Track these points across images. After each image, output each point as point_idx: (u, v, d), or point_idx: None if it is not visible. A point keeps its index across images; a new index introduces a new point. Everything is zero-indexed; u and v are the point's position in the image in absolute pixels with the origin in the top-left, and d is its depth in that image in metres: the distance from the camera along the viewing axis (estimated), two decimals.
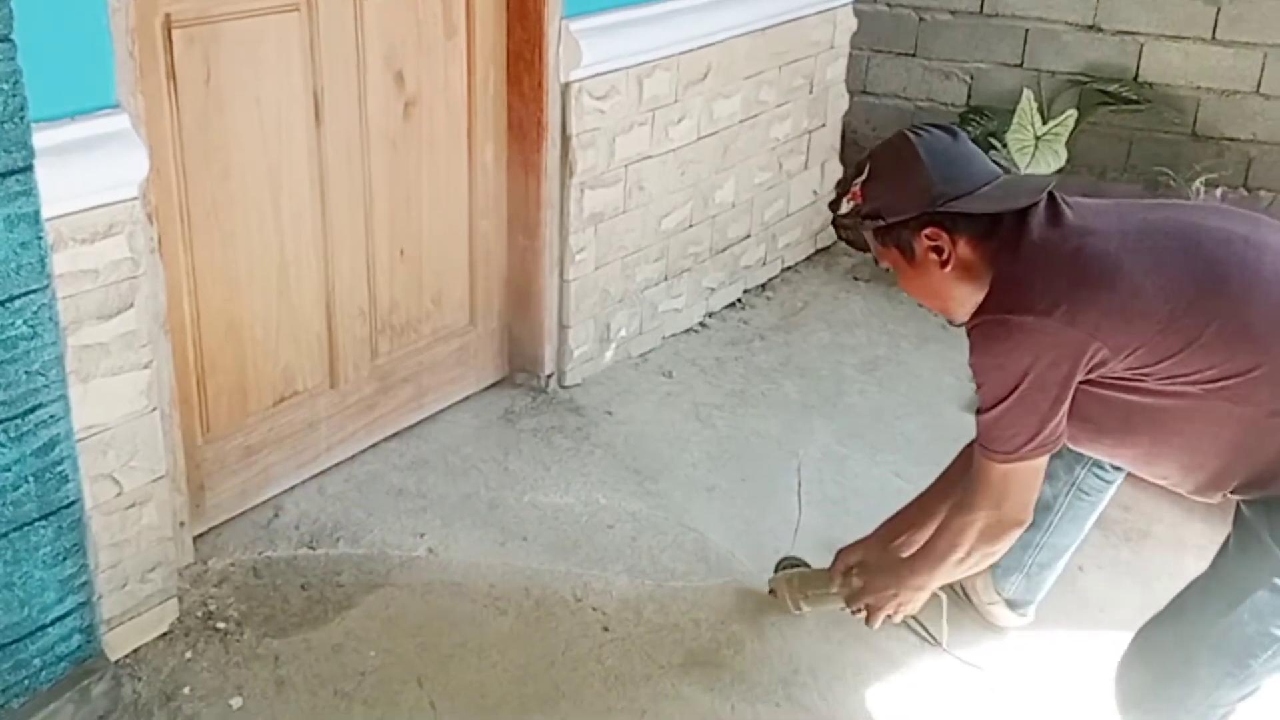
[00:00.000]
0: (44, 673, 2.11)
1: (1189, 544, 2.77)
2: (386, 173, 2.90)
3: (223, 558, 2.62)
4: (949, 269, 1.89)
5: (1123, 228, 1.81)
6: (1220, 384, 1.73)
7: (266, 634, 2.41)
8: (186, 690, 2.26)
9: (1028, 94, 4.05)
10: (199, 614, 2.45)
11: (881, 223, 1.91)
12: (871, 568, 2.25)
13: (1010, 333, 1.77)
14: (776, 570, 2.57)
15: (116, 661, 2.28)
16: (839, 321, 3.95)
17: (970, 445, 2.07)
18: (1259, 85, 4.06)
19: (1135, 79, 4.23)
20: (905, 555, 2.21)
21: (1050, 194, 1.87)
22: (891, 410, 3.40)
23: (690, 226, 3.73)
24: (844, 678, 2.38)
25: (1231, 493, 1.85)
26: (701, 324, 3.89)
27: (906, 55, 4.67)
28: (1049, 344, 1.74)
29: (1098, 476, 2.29)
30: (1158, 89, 4.20)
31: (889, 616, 2.19)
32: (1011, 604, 2.47)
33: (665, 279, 3.70)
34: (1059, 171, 3.96)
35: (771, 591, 2.53)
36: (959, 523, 1.98)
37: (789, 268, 4.32)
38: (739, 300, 4.06)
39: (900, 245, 1.92)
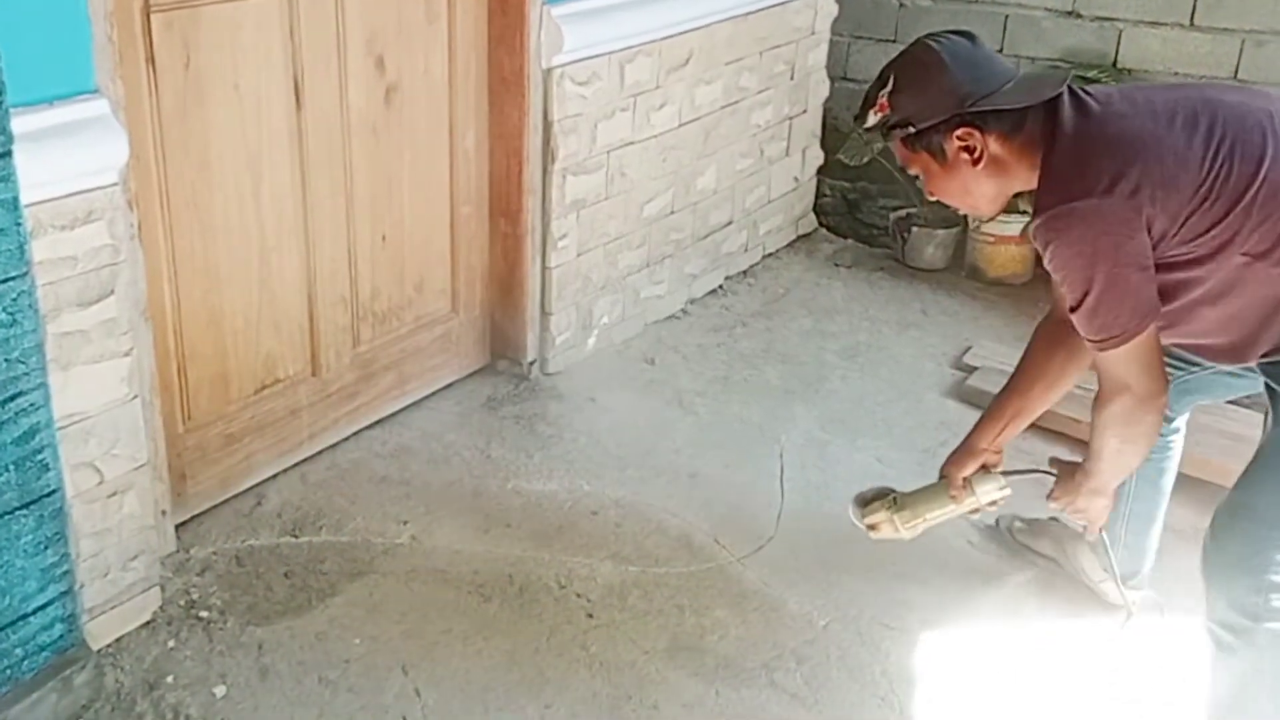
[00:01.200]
0: (26, 662, 2.10)
1: None
2: (367, 159, 2.88)
3: (205, 546, 2.61)
4: (981, 166, 1.96)
5: (1151, 108, 1.90)
6: (1264, 247, 1.83)
7: (250, 622, 2.41)
8: (170, 679, 2.25)
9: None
10: (181, 603, 2.44)
11: (911, 129, 1.97)
12: (1059, 471, 2.26)
13: (1080, 218, 1.84)
14: (861, 507, 2.42)
15: (99, 651, 2.27)
16: (820, 308, 3.96)
17: (1041, 325, 2.22)
18: (1236, 71, 4.08)
19: (1114, 65, 4.25)
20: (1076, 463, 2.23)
21: (1070, 87, 1.94)
22: (873, 396, 3.41)
23: (672, 213, 3.73)
24: (828, 662, 2.39)
25: (1264, 355, 1.94)
26: (683, 310, 3.89)
27: (887, 41, 4.67)
28: (1118, 220, 1.82)
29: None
30: (1136, 75, 4.21)
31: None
32: (1121, 578, 2.45)
33: (647, 265, 3.69)
34: None
35: (871, 528, 2.39)
36: (1101, 419, 2.03)
37: (770, 254, 4.32)
38: (721, 287, 4.07)
39: (931, 149, 1.98)
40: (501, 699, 2.26)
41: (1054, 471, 2.29)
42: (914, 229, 4.25)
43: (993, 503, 2.34)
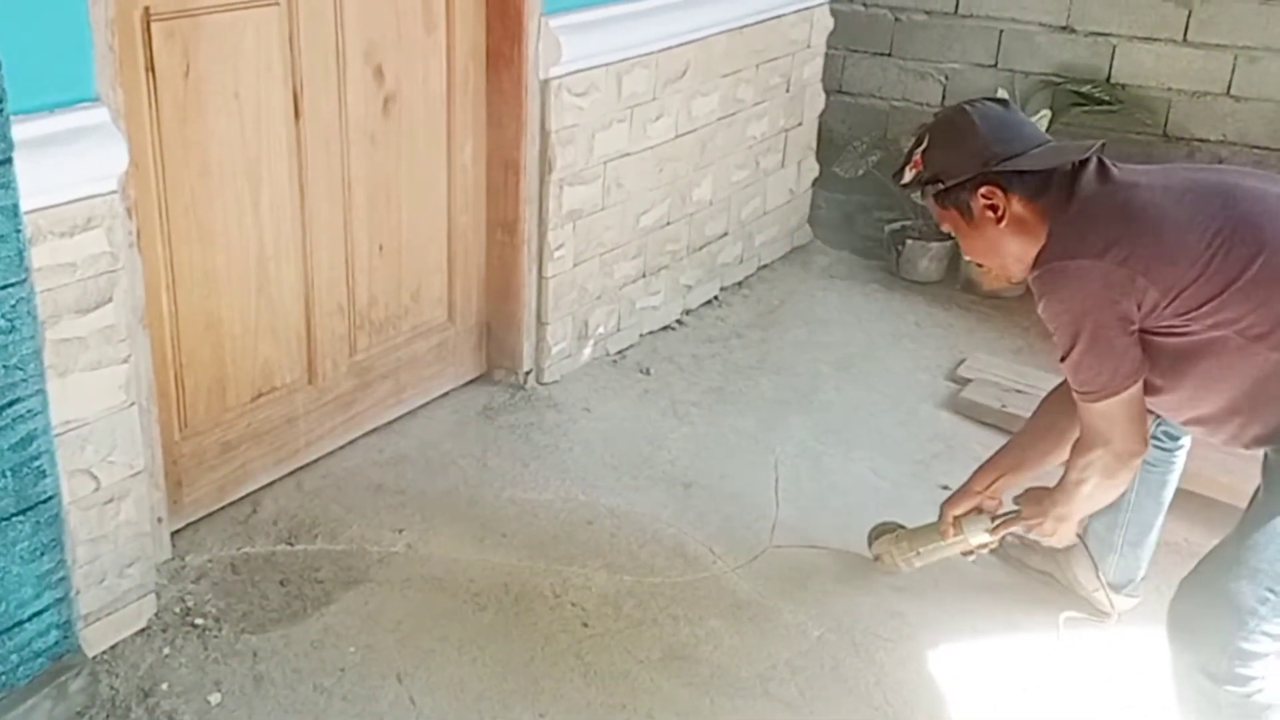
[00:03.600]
0: (21, 669, 2.10)
1: None
2: (366, 168, 2.89)
3: (201, 554, 2.62)
4: (1004, 224, 2.04)
5: (1166, 183, 1.98)
6: (1258, 330, 1.87)
7: (245, 630, 2.41)
8: (164, 686, 2.25)
9: (1002, 94, 4.07)
10: (177, 610, 2.44)
11: (941, 186, 2.07)
12: (1023, 497, 2.37)
13: (1070, 277, 1.93)
14: (872, 539, 2.65)
15: (94, 657, 2.27)
16: (815, 319, 3.97)
17: (1054, 389, 2.34)
18: (1229, 87, 4.11)
19: (1108, 80, 4.27)
20: (1047, 489, 2.31)
21: (1099, 158, 2.03)
22: (867, 407, 3.42)
23: (668, 224, 3.75)
24: (822, 673, 2.40)
25: (1262, 442, 1.98)
26: (679, 321, 3.90)
27: (882, 55, 4.70)
28: (1105, 283, 1.90)
29: (1158, 447, 2.38)
30: (1130, 90, 4.24)
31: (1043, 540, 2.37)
32: (1115, 586, 2.53)
33: (643, 276, 3.71)
34: None
35: (877, 558, 2.62)
36: (1080, 462, 2.12)
37: (765, 266, 4.34)
38: (716, 298, 4.08)
39: (959, 206, 2.08)
40: (496, 707, 2.26)
41: (1008, 513, 2.42)
42: (908, 241, 4.27)
43: (982, 545, 2.47)
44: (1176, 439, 2.42)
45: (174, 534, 2.61)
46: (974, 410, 3.37)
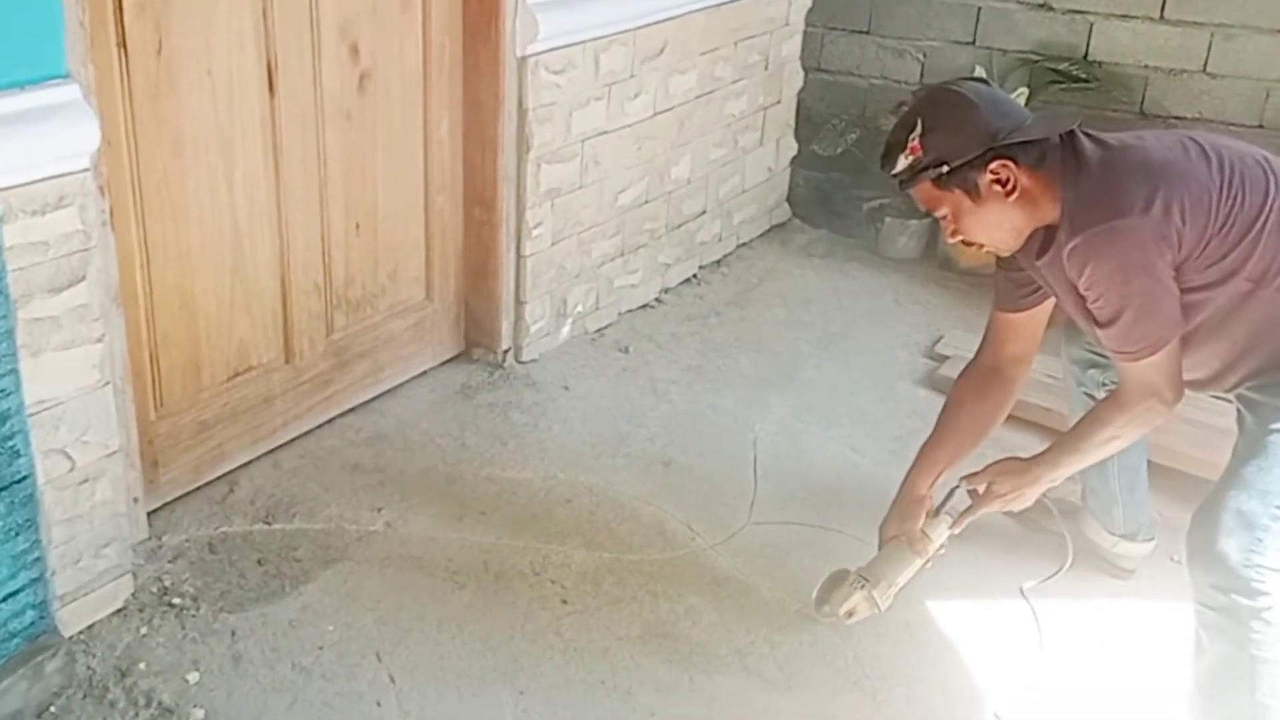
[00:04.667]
0: None
1: None
2: (341, 146, 2.87)
3: (178, 533, 2.61)
4: (1013, 198, 2.04)
5: (1161, 141, 2.04)
6: (1267, 273, 1.98)
7: (223, 609, 2.40)
8: (142, 666, 2.24)
9: (980, 72, 4.08)
10: (154, 590, 2.43)
11: (945, 169, 2.04)
12: (994, 471, 2.35)
13: (1120, 235, 1.95)
14: (826, 598, 2.39)
15: (70, 638, 2.26)
16: (794, 297, 3.97)
17: (967, 376, 2.39)
18: (1205, 64, 4.12)
19: (1085, 58, 4.28)
20: (1031, 457, 2.33)
21: (1082, 130, 2.08)
22: (846, 385, 3.43)
23: (646, 202, 3.74)
24: (800, 648, 2.41)
25: (1243, 382, 2.09)
26: (658, 300, 3.90)
27: (860, 33, 4.69)
28: (1154, 237, 1.93)
29: (1113, 384, 2.39)
30: (1107, 68, 4.25)
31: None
32: (1130, 536, 2.59)
33: (621, 255, 3.70)
34: None
35: (849, 614, 2.35)
36: (1121, 418, 2.13)
37: (744, 244, 4.34)
38: (695, 276, 4.08)
39: (965, 186, 2.06)
40: (475, 685, 2.26)
41: (978, 489, 2.39)
42: (887, 219, 4.27)
43: (942, 546, 2.40)
44: None
45: (150, 514, 2.60)
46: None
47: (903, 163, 2.09)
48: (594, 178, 3.48)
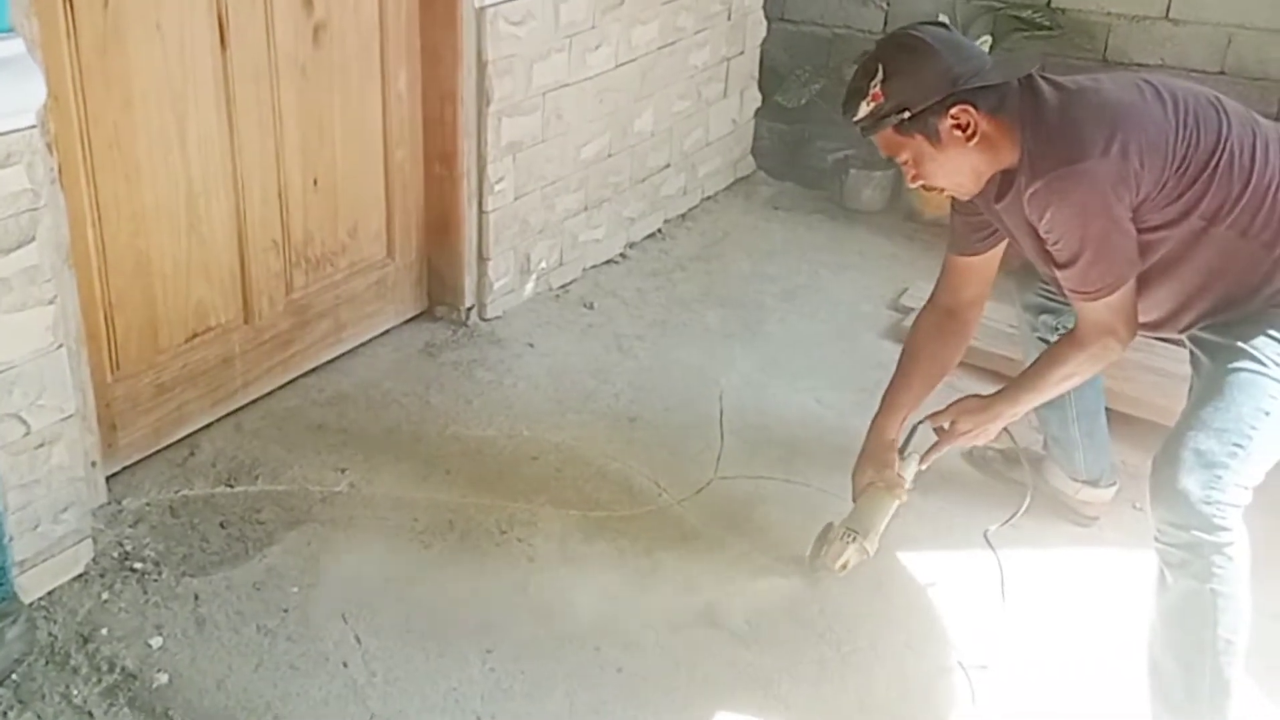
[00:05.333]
0: None
1: None
2: (296, 100, 2.82)
3: (138, 497, 2.57)
4: (974, 142, 2.06)
5: (1119, 85, 2.07)
6: (1217, 211, 2.02)
7: (185, 573, 2.38)
8: (104, 631, 2.22)
9: (944, 20, 4.05)
10: (115, 555, 2.40)
11: (907, 114, 2.06)
12: (958, 408, 2.39)
13: (1080, 179, 1.97)
14: (818, 555, 2.42)
15: (31, 604, 2.23)
16: (759, 251, 3.96)
17: (925, 318, 2.44)
18: (1168, 11, 4.11)
19: (1048, 4, 4.26)
20: (991, 394, 2.39)
21: (1040, 74, 2.10)
22: (811, 337, 3.42)
23: (609, 156, 3.70)
24: (767, 602, 2.41)
25: (1196, 323, 2.13)
26: (622, 255, 3.87)
27: None
28: (1114, 179, 1.96)
29: (1065, 328, 2.43)
30: (1069, 15, 4.23)
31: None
32: (1093, 482, 2.63)
33: (585, 209, 3.67)
34: None
35: (843, 567, 2.37)
36: (1072, 351, 2.19)
37: (709, 197, 4.31)
38: (659, 230, 4.05)
39: (925, 131, 2.07)
40: (442, 645, 2.25)
41: (943, 426, 2.44)
42: (852, 171, 4.26)
43: (911, 484, 2.45)
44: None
45: (110, 478, 2.57)
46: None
47: (864, 109, 2.10)
48: (556, 131, 3.43)
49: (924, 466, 2.47)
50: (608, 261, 3.81)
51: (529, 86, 3.27)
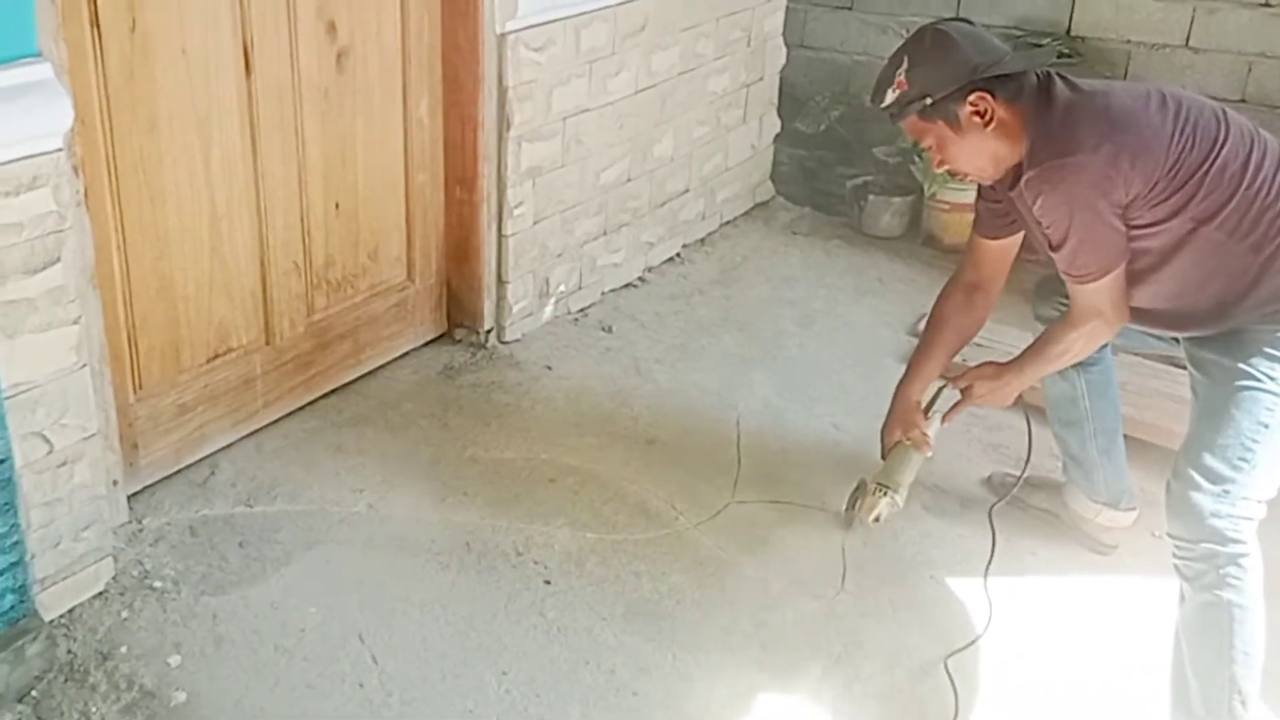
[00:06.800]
0: None
1: None
2: (319, 125, 2.85)
3: (158, 516, 2.59)
4: (991, 128, 2.19)
5: (1130, 91, 2.19)
6: (1209, 213, 2.11)
7: (204, 592, 2.39)
8: (123, 649, 2.23)
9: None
10: (135, 573, 2.42)
11: (929, 101, 2.20)
12: (975, 373, 2.52)
13: (1069, 171, 2.10)
14: (851, 508, 2.63)
15: (51, 621, 2.25)
16: (777, 276, 3.96)
17: (950, 289, 2.56)
18: (1188, 38, 4.12)
19: (1068, 33, 4.27)
20: (1005, 362, 2.50)
21: (1061, 74, 2.23)
22: (829, 363, 3.42)
23: (629, 181, 3.72)
24: (785, 626, 2.41)
25: (1193, 326, 2.23)
26: (641, 279, 3.89)
27: (844, 9, 4.67)
28: (1101, 175, 2.08)
29: None
30: (1090, 42, 4.24)
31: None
32: (1112, 503, 2.65)
33: (604, 233, 3.68)
34: None
35: (876, 519, 2.53)
36: (1072, 334, 2.31)
37: (728, 222, 4.33)
38: (678, 255, 4.06)
39: (946, 117, 2.21)
40: (459, 666, 2.26)
41: (961, 387, 2.56)
42: (870, 197, 4.26)
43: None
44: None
45: (131, 497, 2.59)
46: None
47: (890, 96, 2.25)
48: (576, 156, 3.46)
49: (946, 424, 2.61)
50: (626, 285, 3.83)
51: (549, 112, 3.30)
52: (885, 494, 2.52)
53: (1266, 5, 3.98)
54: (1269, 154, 2.16)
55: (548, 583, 2.49)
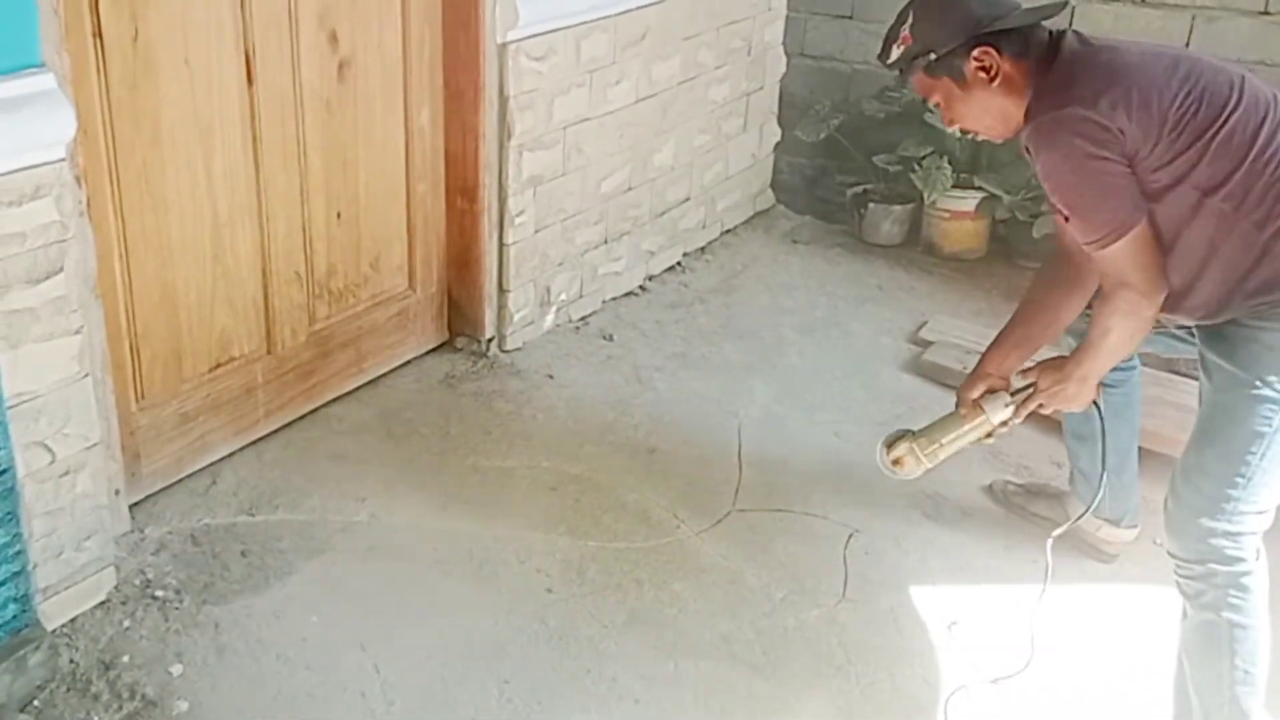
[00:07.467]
0: None
1: None
2: (321, 135, 2.86)
3: (160, 525, 2.60)
4: (997, 84, 2.13)
5: (1140, 49, 2.12)
6: (1212, 184, 2.02)
7: (206, 601, 2.39)
8: (126, 658, 2.23)
9: None
10: (137, 582, 2.42)
11: (933, 56, 2.15)
12: (1039, 370, 2.36)
13: (1065, 125, 2.02)
14: (887, 447, 2.46)
15: (53, 631, 2.25)
16: (778, 284, 3.97)
17: (1044, 263, 2.46)
18: (1187, 46, 4.12)
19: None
20: (1066, 356, 2.35)
21: (1074, 30, 2.16)
22: (829, 370, 3.43)
23: (629, 189, 3.73)
24: (785, 635, 2.41)
25: (1204, 308, 2.12)
26: (641, 287, 3.89)
27: (843, 18, 4.68)
28: (1098, 129, 1.99)
29: (1113, 368, 2.43)
30: None
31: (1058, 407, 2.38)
32: (1114, 521, 2.63)
33: (605, 242, 3.69)
34: None
35: (895, 462, 2.43)
36: (1105, 310, 2.17)
37: (728, 231, 4.33)
38: (679, 263, 4.07)
39: (951, 73, 2.16)
40: (460, 674, 2.26)
41: (1029, 381, 2.40)
42: (871, 205, 4.27)
43: (1003, 423, 2.40)
44: (1130, 358, 2.50)
45: (133, 506, 2.59)
46: (936, 372, 3.38)
47: (895, 52, 2.20)
48: (577, 165, 3.47)
49: (1017, 419, 2.39)
50: (627, 294, 3.83)
51: (550, 121, 3.31)
52: (910, 440, 2.40)
53: (1266, 13, 3.99)
54: None
55: (549, 591, 2.49)
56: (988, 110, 2.17)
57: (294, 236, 2.87)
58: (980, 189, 4.07)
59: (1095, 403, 2.37)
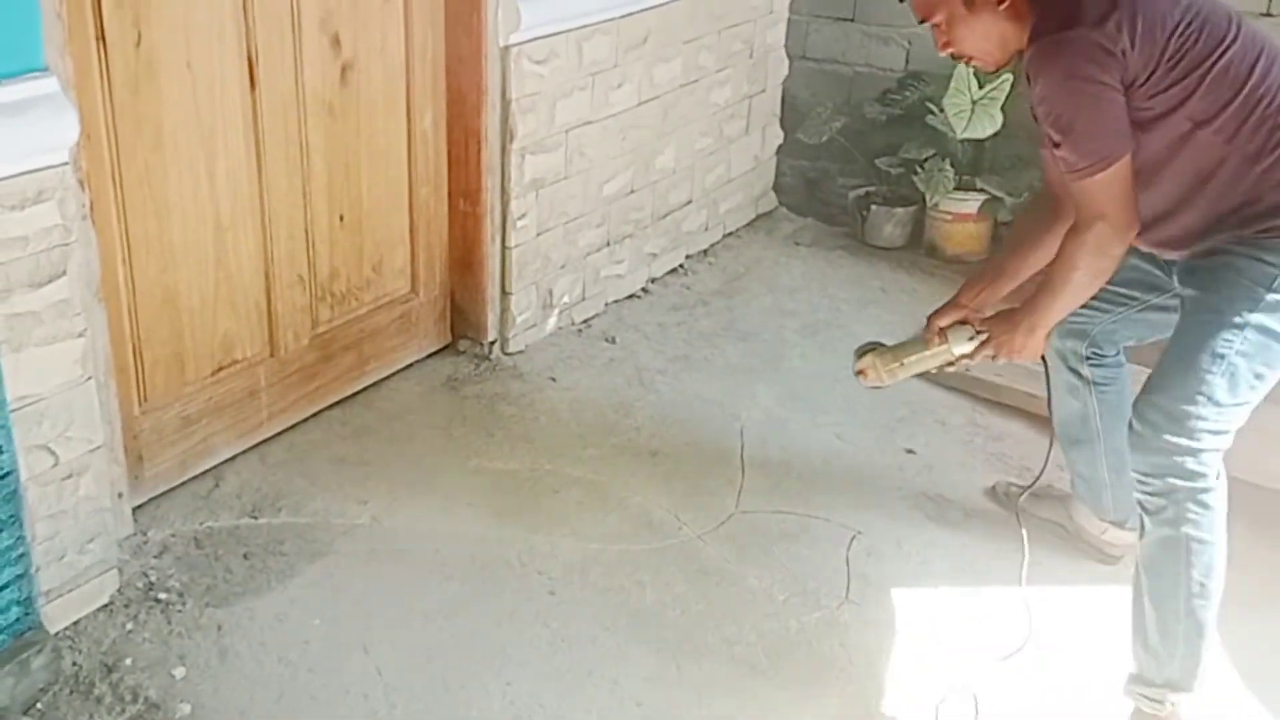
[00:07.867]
0: None
1: None
2: (324, 138, 2.86)
3: (163, 528, 2.60)
4: (1004, 6, 2.11)
5: None
6: (1205, 115, 2.05)
7: (209, 604, 2.40)
8: (128, 661, 2.24)
9: None
10: (140, 585, 2.43)
11: None
12: (991, 320, 2.38)
13: (1066, 46, 2.02)
14: (857, 357, 2.54)
15: (56, 634, 2.26)
16: (780, 286, 3.97)
17: (1027, 203, 2.40)
18: None
19: None
20: (1018, 306, 2.35)
21: None
22: (832, 373, 3.43)
23: (632, 192, 3.73)
24: (787, 637, 2.41)
25: (1186, 240, 2.16)
26: (644, 290, 3.89)
27: (845, 20, 4.68)
28: (1101, 50, 2.00)
29: (1100, 365, 2.51)
30: None
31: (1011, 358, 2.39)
32: (1118, 523, 2.63)
33: (607, 245, 3.69)
34: (994, 136, 4.00)
35: (859, 372, 2.51)
36: (1073, 244, 2.16)
37: (730, 233, 4.33)
38: (681, 266, 4.07)
39: None
40: (463, 677, 2.26)
41: (979, 331, 2.41)
42: (873, 207, 4.27)
43: (964, 355, 2.42)
44: (1115, 354, 2.53)
45: (136, 509, 2.59)
46: (939, 375, 3.37)
47: None
48: (579, 168, 3.47)
49: (971, 355, 2.41)
50: (629, 296, 3.83)
51: (552, 124, 3.31)
52: (875, 354, 2.48)
53: (1268, 14, 3.99)
54: (1277, 64, 2.09)
55: (552, 593, 2.49)
56: (989, 35, 2.15)
57: (296, 240, 2.87)
58: (982, 191, 4.07)
59: (1043, 357, 2.40)
